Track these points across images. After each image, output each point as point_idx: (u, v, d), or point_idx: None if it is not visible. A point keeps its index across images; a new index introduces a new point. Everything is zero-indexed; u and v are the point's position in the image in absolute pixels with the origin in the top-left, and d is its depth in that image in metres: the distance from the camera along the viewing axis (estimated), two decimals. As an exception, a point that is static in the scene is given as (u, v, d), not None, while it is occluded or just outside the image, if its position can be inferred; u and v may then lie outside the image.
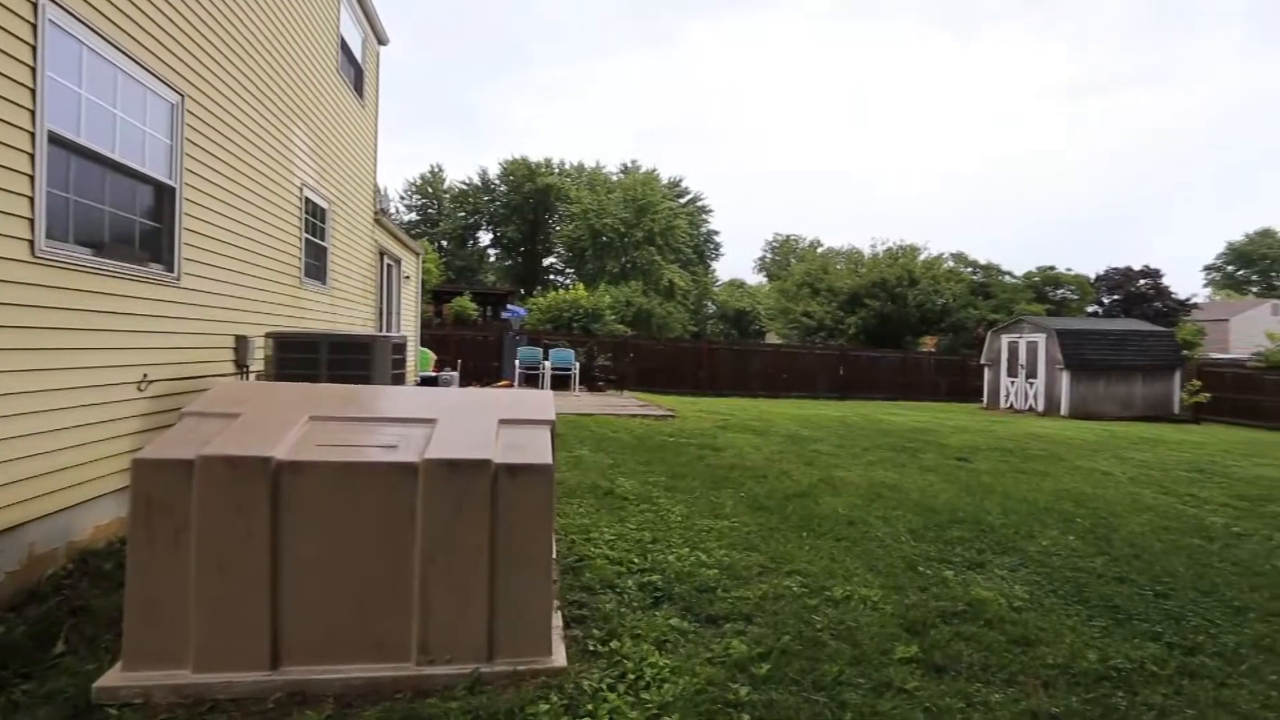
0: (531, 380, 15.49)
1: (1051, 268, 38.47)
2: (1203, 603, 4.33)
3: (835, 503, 5.90)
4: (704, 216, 50.64)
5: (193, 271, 5.29)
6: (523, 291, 41.60)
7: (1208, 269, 70.32)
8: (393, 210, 46.94)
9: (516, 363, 15.61)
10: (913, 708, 2.96)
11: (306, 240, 7.87)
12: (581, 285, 24.05)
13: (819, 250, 48.01)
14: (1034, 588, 4.38)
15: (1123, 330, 20.32)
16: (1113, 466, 8.78)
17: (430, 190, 52.31)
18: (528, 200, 49.44)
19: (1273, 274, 65.25)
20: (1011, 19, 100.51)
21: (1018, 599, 4.16)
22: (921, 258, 32.61)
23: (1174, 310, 36.07)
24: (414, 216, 51.74)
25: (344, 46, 9.25)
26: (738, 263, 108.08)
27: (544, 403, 3.82)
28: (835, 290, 31.43)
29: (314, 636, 2.85)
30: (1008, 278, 35.78)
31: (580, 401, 12.73)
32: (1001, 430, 12.17)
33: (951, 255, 35.68)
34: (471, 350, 18.95)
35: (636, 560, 4.30)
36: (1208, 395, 19.13)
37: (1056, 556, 4.98)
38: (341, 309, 9.16)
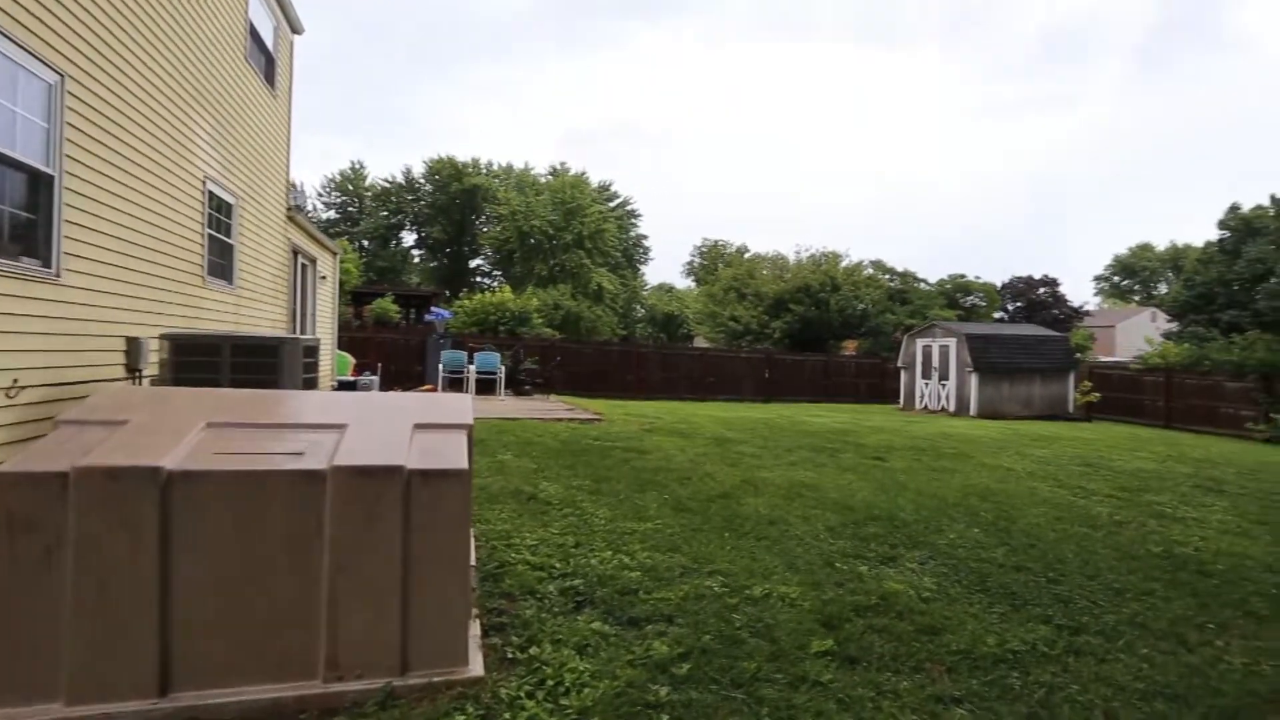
0: (456, 384, 15.13)
1: (962, 276, 40.78)
2: (1088, 586, 4.66)
3: (757, 503, 6.02)
4: (633, 221, 50.92)
5: (76, 268, 4.88)
6: (448, 293, 40.64)
7: (1097, 279, 76.14)
8: (309, 207, 44.94)
9: (440, 366, 15.22)
10: (827, 699, 3.05)
11: (210, 236, 7.41)
12: (509, 288, 23.69)
13: (746, 256, 49.12)
14: (941, 579, 4.59)
15: (1024, 335, 21.72)
16: (1014, 463, 9.34)
17: (351, 188, 50.41)
18: (454, 200, 48.39)
19: (1151, 284, 71.18)
20: (930, 40, 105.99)
21: (926, 590, 4.35)
22: (843, 264, 33.88)
23: (1069, 317, 38.88)
24: (333, 215, 49.73)
25: (253, 33, 8.79)
26: (666, 267, 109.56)
27: (461, 406, 3.73)
28: (761, 295, 32.21)
29: (210, 658, 2.67)
30: (923, 285, 37.66)
31: (506, 406, 12.53)
32: (916, 430, 12.75)
33: (871, 263, 37.26)
34: (393, 354, 18.34)
35: (559, 565, 4.25)
36: (1098, 395, 20.68)
37: (962, 549, 5.24)
38: (249, 310, 8.68)
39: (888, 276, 36.57)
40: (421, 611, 2.93)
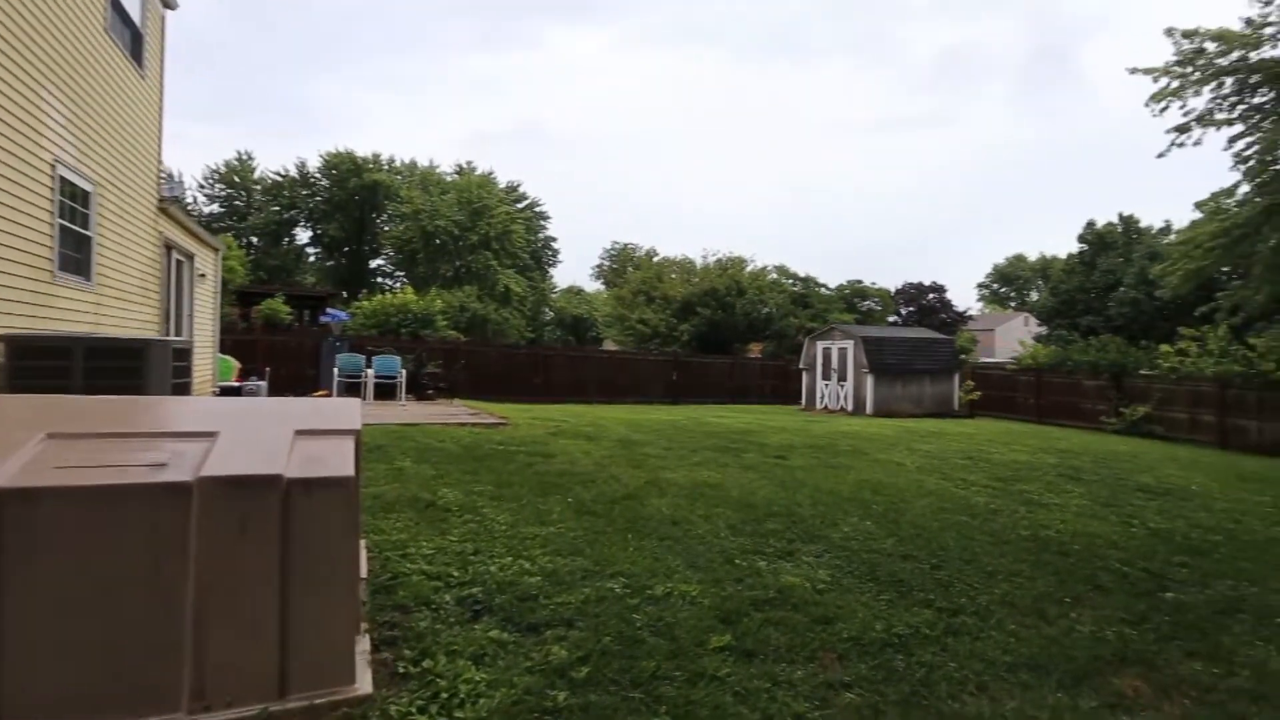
0: (353, 389, 14.42)
1: (860, 282, 43.04)
2: (966, 570, 5.00)
3: (661, 503, 6.07)
4: (542, 222, 50.43)
5: (-109, 259, 4.27)
6: (345, 294, 38.75)
7: (979, 286, 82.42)
8: (188, 199, 41.66)
9: (336, 371, 14.45)
10: (724, 693, 3.10)
11: (62, 227, 6.69)
12: (411, 289, 22.83)
13: (655, 260, 49.72)
14: (835, 571, 4.79)
15: (915, 338, 23.14)
16: (905, 458, 9.90)
17: (237, 180, 47.10)
18: (352, 197, 46.18)
19: (1025, 292, 77.65)
20: (834, 56, 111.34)
21: (821, 582, 4.52)
22: (749, 269, 34.91)
23: (955, 321, 41.84)
24: (217, 208, 46.31)
25: (115, 3, 8.01)
26: (576, 270, 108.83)
27: (348, 411, 3.54)
28: (669, 298, 32.67)
29: (50, 694, 2.39)
30: (823, 290, 39.40)
31: (406, 411, 12.05)
32: (816, 429, 13.28)
33: (775, 268, 38.65)
34: (284, 357, 17.26)
35: (456, 573, 4.11)
36: (979, 393, 22.33)
37: (855, 541, 5.49)
38: (113, 310, 7.92)
39: (791, 281, 38.04)
40: (302, 630, 2.75)
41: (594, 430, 10.19)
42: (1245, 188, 13.75)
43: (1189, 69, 13.12)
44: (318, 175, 46.99)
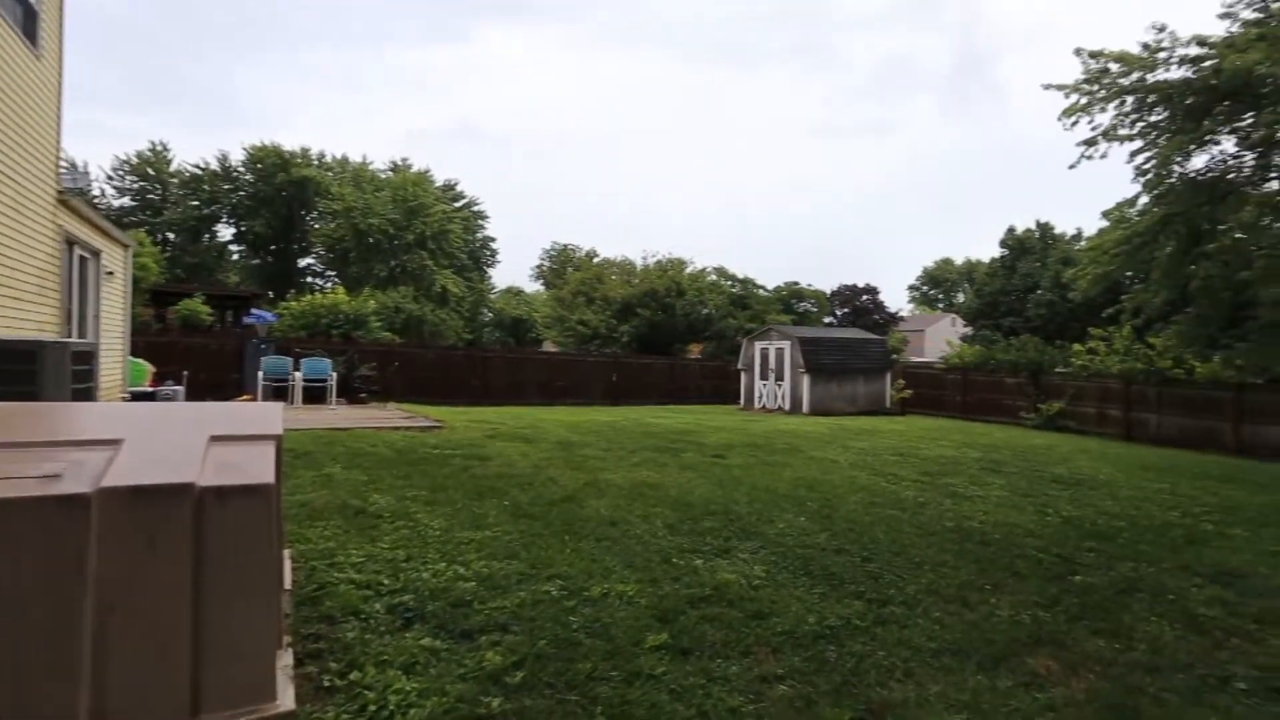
0: (280, 394, 13.81)
1: (797, 283, 44.04)
2: (895, 562, 5.17)
3: (599, 504, 6.05)
4: (480, 222, 49.61)
5: None
6: (272, 294, 37.14)
7: (910, 288, 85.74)
8: (95, 192, 39.07)
9: (261, 374, 13.81)
10: (660, 691, 3.11)
11: (-52, 220, 6.15)
12: (343, 289, 22.05)
13: (595, 260, 49.60)
14: (770, 566, 4.88)
15: (850, 338, 23.86)
16: (839, 455, 10.18)
17: (151, 172, 44.45)
18: (280, 193, 44.25)
19: (952, 294, 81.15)
20: (774, 62, 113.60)
21: (756, 578, 4.60)
22: (688, 270, 35.24)
23: (887, 322, 43.38)
24: (128, 202, 43.59)
25: (6, -21, 7.41)
26: (515, 270, 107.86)
27: (269, 415, 3.37)
28: (609, 299, 32.66)
29: (-77, 729, 2.18)
30: (762, 291, 40.11)
31: (337, 415, 11.63)
32: (754, 428, 13.51)
33: (714, 269, 39.10)
34: (205, 361, 16.38)
35: (387, 581, 3.99)
36: (910, 392, 23.19)
37: (790, 537, 5.61)
38: (5, 311, 7.34)
39: (730, 283, 38.57)
40: (217, 647, 2.59)
41: (532, 432, 10.08)
42: (1145, 199, 14.72)
43: (1095, 87, 13.96)
44: (241, 169, 44.81)
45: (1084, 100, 14.10)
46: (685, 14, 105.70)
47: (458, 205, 47.31)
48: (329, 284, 41.70)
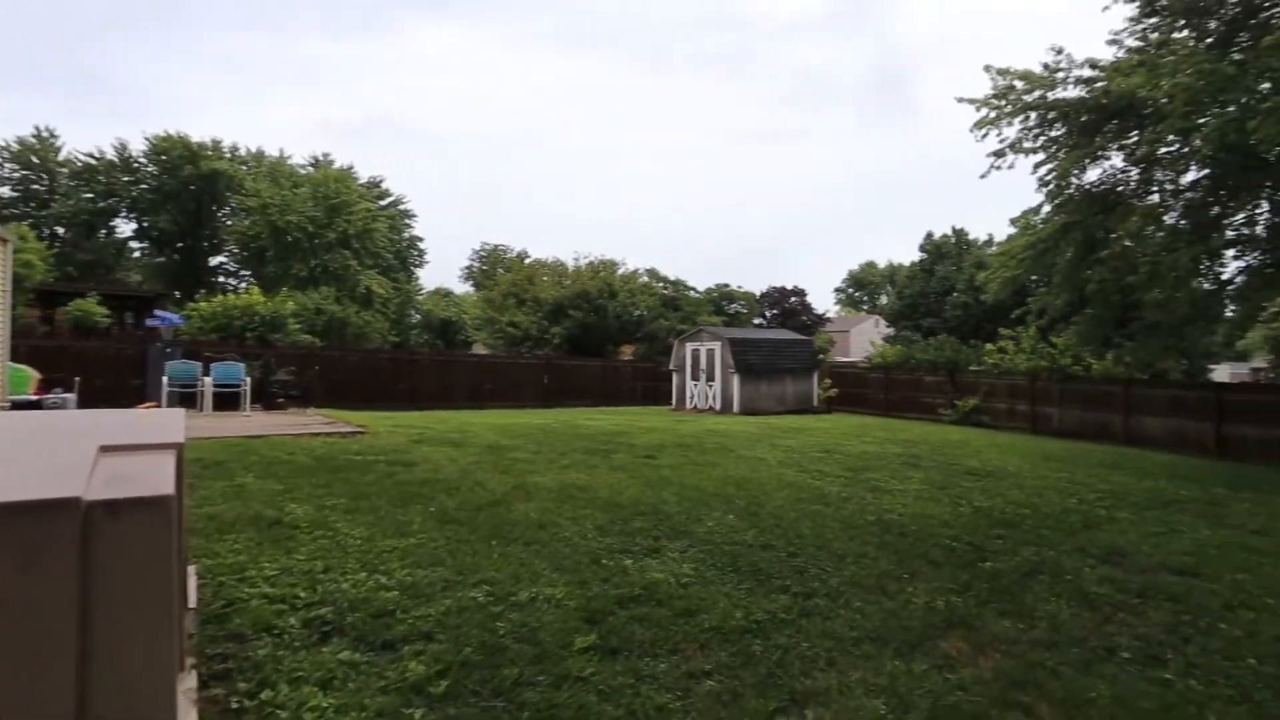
0: (188, 400, 13.00)
1: (727, 285, 44.88)
2: (819, 556, 5.33)
3: (528, 508, 5.98)
4: (407, 221, 48.14)
5: None
6: (179, 294, 34.96)
7: (836, 290, 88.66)
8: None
9: (165, 380, 12.95)
10: (588, 693, 3.09)
11: None
12: (258, 289, 20.93)
13: (526, 261, 49.02)
14: (699, 564, 4.93)
15: (778, 339, 24.45)
16: (767, 453, 10.41)
17: (36, 160, 41.02)
18: (187, 186, 41.62)
19: (875, 295, 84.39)
20: (703, 67, 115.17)
21: (685, 576, 4.64)
22: (620, 272, 35.28)
23: (815, 323, 44.71)
24: (7, 191, 40.07)
25: None
26: (444, 271, 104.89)
27: (168, 423, 3.16)
28: (541, 301, 32.33)
29: None
30: (693, 293, 40.60)
31: (251, 422, 11.04)
32: (684, 429, 13.65)
33: (646, 271, 39.29)
34: (101, 366, 15.23)
35: (303, 594, 3.81)
36: (836, 391, 23.97)
37: (719, 534, 5.69)
38: None
39: (661, 285, 38.86)
40: (107, 673, 2.40)
41: (460, 436, 9.86)
42: (1047, 208, 15.74)
43: (1003, 103, 14.85)
44: (143, 160, 41.85)
45: (993, 114, 14.97)
46: (615, 16, 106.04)
47: (383, 203, 45.77)
48: (243, 284, 39.55)
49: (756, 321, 44.61)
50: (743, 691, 3.21)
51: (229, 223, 41.92)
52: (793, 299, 46.54)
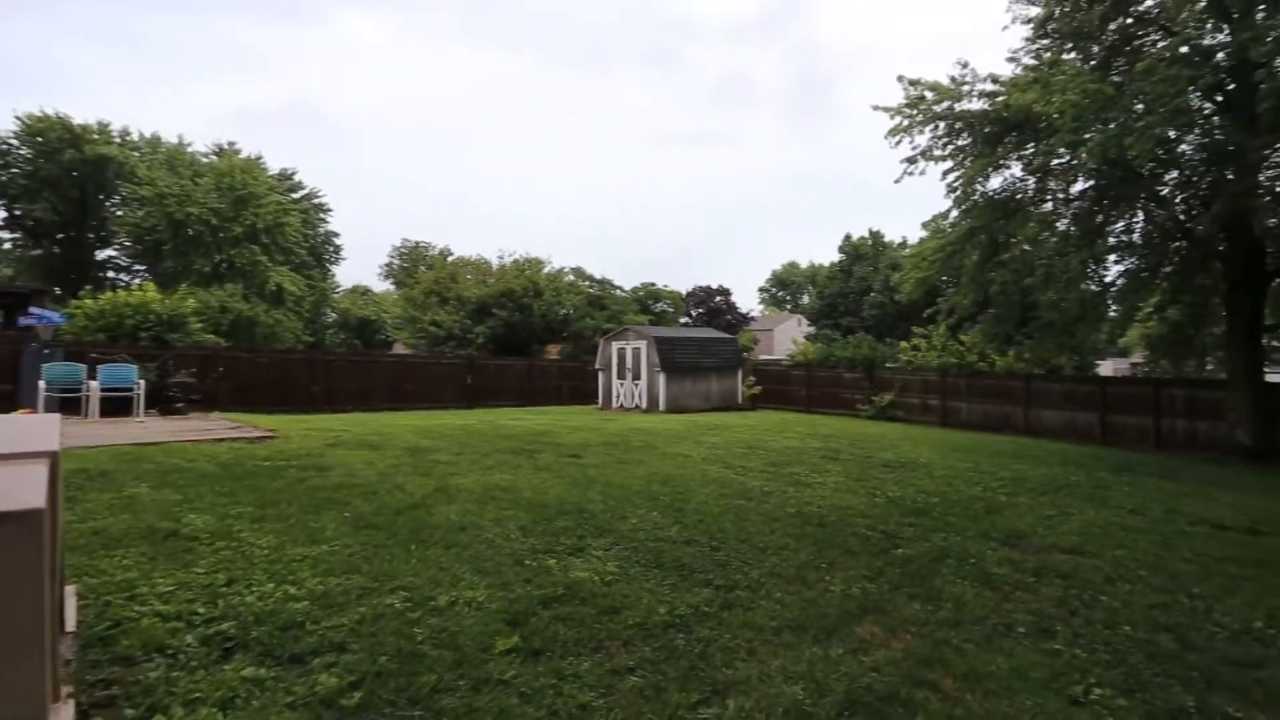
0: (71, 407, 11.97)
1: (653, 284, 45.22)
2: (741, 549, 5.43)
3: (449, 510, 5.82)
4: (322, 216, 46.02)
5: None
6: (60, 291, 32.17)
7: (761, 289, 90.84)
8: None
9: (43, 384, 11.87)
10: (509, 696, 3.03)
11: None
12: (153, 285, 19.46)
13: (449, 259, 47.82)
14: (623, 561, 4.93)
15: (703, 337, 24.79)
16: (692, 450, 10.53)
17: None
18: (69, 173, 38.18)
19: (798, 295, 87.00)
20: (627, 68, 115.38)
21: (610, 574, 4.63)
22: (546, 271, 34.93)
23: (739, 321, 45.64)
24: None
25: None
26: (362, 269, 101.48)
27: (41, 430, 2.90)
28: (464, 299, 31.63)
29: None
30: (619, 292, 40.72)
31: (146, 429, 10.26)
32: (610, 427, 13.65)
33: (572, 270, 39.18)
34: (-33, 369, 13.81)
35: (202, 610, 3.57)
36: (760, 388, 24.55)
37: (643, 531, 5.71)
38: None
39: (588, 283, 38.81)
40: (-34, 705, 2.18)
41: (379, 439, 9.50)
42: (955, 213, 16.69)
43: (914, 112, 15.64)
44: (14, 142, 38.06)
45: (905, 123, 15.73)
46: (542, 14, 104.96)
47: (295, 196, 43.55)
48: (137, 280, 36.76)
49: (683, 320, 45.18)
50: (666, 686, 3.22)
51: (119, 213, 38.76)
52: (718, 298, 47.39)
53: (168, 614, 3.52)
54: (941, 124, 15.56)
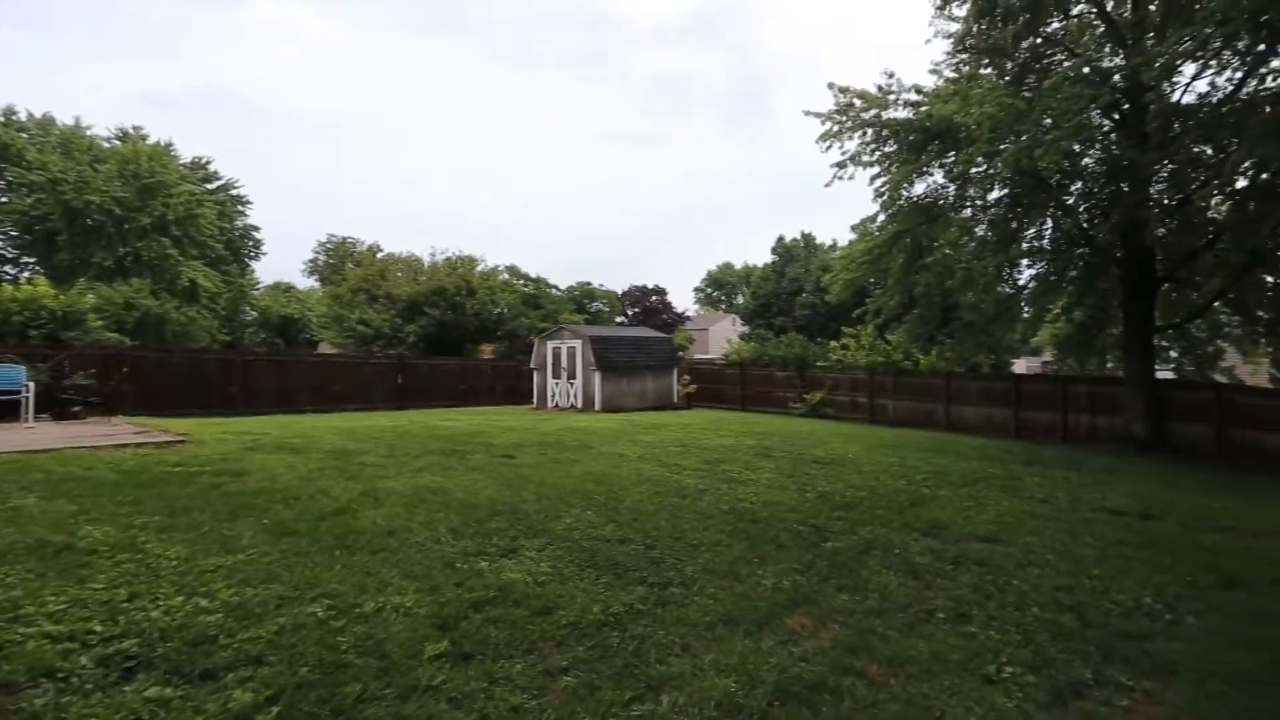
0: (-50, 410, 10.94)
1: (589, 284, 44.98)
2: (676, 546, 5.46)
3: (376, 514, 5.62)
4: (240, 208, 43.64)
5: None
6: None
7: (696, 289, 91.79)
8: None
9: (-83, 387, 10.81)
10: (439, 701, 2.94)
11: None
12: (45, 280, 17.98)
13: (378, 256, 46.27)
14: (557, 562, 4.87)
15: (639, 336, 24.86)
16: (627, 449, 10.53)
17: None
18: (-56, 155, 34.90)
19: (732, 295, 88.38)
20: (562, 67, 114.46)
21: (543, 574, 4.57)
22: (479, 269, 34.26)
23: (675, 321, 45.99)
24: None
25: None
26: (285, 264, 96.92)
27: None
28: (394, 297, 30.69)
29: None
30: (554, 291, 40.34)
31: (37, 435, 9.48)
32: (545, 427, 13.51)
33: (506, 268, 38.50)
34: None
35: (99, 628, 3.32)
36: (695, 387, 24.81)
37: (577, 530, 5.66)
38: None
39: (522, 282, 38.27)
40: None
41: (302, 442, 9.10)
42: (882, 217, 17.32)
43: (844, 118, 16.14)
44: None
45: (835, 128, 16.22)
46: (476, 8, 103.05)
47: (210, 187, 41.15)
48: (26, 273, 33.92)
49: (618, 320, 45.20)
50: (600, 684, 3.20)
51: (4, 200, 35.67)
52: (654, 298, 47.66)
53: (58, 634, 3.26)
54: (869, 131, 16.13)
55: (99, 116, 62.34)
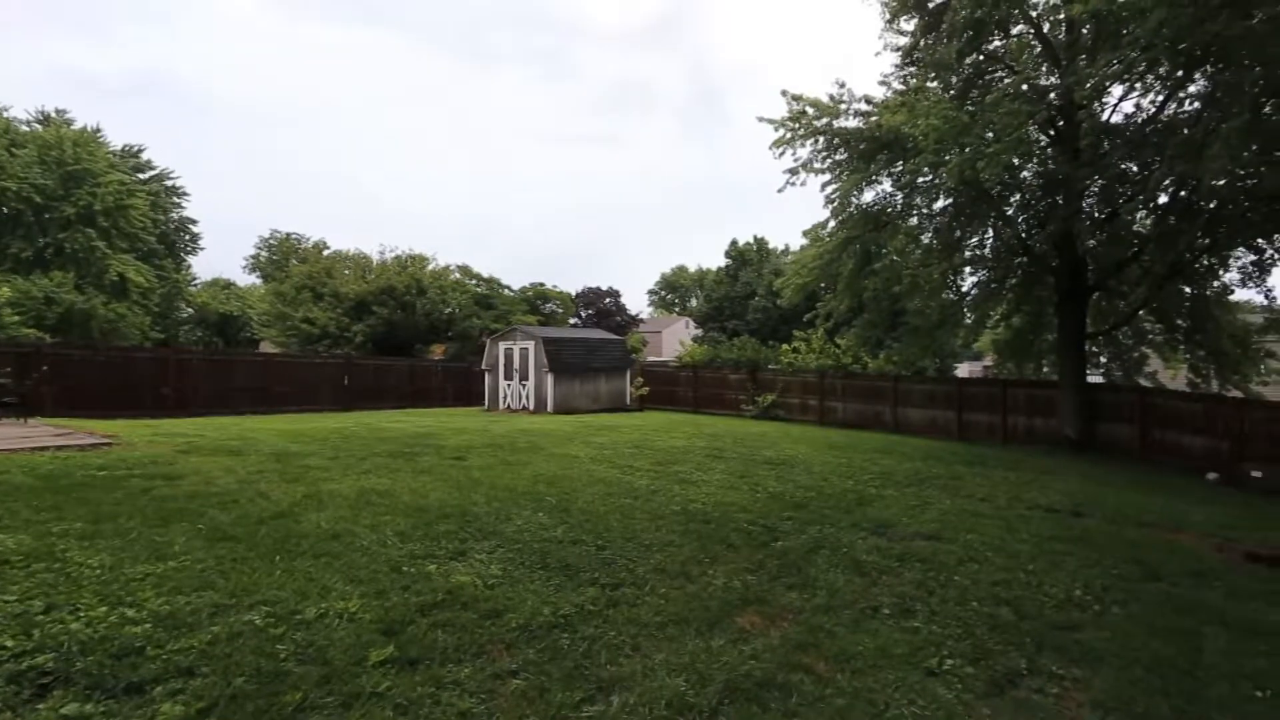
0: None
1: (542, 284, 44.63)
2: (627, 547, 5.45)
3: (320, 518, 5.44)
4: (175, 200, 41.77)
5: None
6: None
7: (650, 292, 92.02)
8: None
9: None
10: (384, 708, 2.86)
11: None
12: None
13: (324, 253, 44.92)
14: (507, 564, 4.80)
15: (592, 339, 24.79)
16: (579, 450, 10.47)
17: None
18: None
19: (686, 298, 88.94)
20: (518, 67, 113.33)
21: (493, 577, 4.49)
22: (430, 268, 33.60)
23: (629, 323, 46.08)
24: None
25: None
26: (224, 260, 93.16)
27: None
28: (341, 296, 29.85)
29: None
30: (507, 291, 39.85)
31: (-50, 435, 8.86)
32: (496, 429, 13.33)
33: (458, 268, 37.83)
34: None
35: (11, 643, 3.11)
36: (648, 389, 24.87)
37: (528, 532, 5.59)
38: None
39: (474, 282, 37.68)
40: None
41: (241, 444, 8.74)
42: (833, 223, 17.72)
43: (797, 125, 16.46)
44: None
45: (788, 135, 16.52)
46: (432, 5, 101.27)
47: (143, 177, 39.25)
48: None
49: (572, 321, 45.00)
50: (550, 686, 3.16)
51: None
52: (607, 300, 47.66)
53: (-36, 650, 3.04)
54: (821, 139, 16.48)
55: (16, 97, 58.76)
